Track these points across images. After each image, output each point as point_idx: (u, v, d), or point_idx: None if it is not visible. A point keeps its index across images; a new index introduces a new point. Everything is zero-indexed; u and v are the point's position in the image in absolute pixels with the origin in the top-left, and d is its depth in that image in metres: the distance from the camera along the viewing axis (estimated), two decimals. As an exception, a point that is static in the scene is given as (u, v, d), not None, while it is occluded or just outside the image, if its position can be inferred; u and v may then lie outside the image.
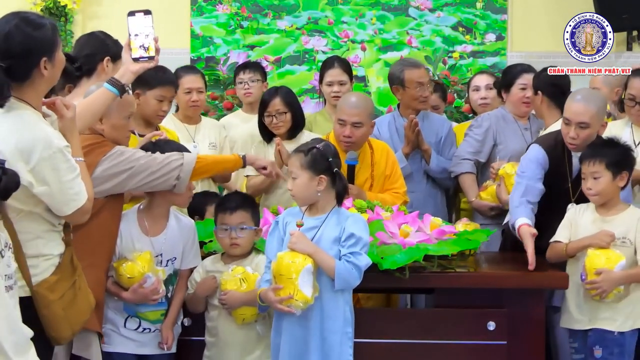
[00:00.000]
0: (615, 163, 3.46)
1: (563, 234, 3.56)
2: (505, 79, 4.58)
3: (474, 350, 3.37)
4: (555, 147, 3.75)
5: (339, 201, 3.08)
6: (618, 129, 4.02)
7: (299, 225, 3.00)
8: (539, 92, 4.23)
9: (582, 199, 3.60)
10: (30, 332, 2.39)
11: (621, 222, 3.48)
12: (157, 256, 3.21)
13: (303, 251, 2.93)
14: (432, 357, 3.39)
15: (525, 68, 4.55)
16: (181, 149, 3.33)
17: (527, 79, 4.44)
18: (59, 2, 5.89)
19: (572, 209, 3.61)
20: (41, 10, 5.92)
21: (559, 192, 3.72)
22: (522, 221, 3.58)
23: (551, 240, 3.56)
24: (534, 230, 3.54)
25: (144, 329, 3.21)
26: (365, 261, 2.98)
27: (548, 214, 3.67)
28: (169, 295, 3.25)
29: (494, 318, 3.36)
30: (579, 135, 3.60)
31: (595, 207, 3.54)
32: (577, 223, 3.55)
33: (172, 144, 3.37)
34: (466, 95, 5.40)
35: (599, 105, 3.64)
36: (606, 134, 3.82)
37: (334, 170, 3.03)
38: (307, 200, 3.05)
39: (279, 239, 3.06)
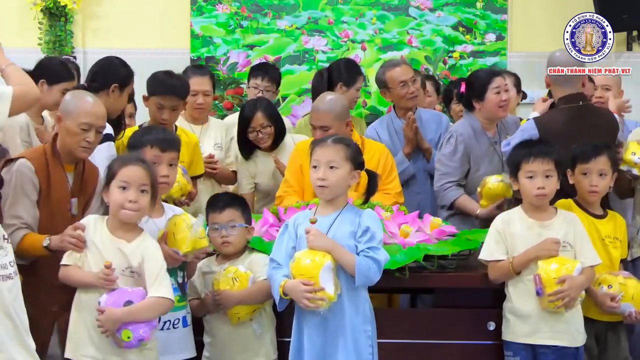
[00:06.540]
0: (561, 162, 3.31)
1: (499, 250, 3.28)
2: (474, 89, 4.28)
3: (474, 350, 3.38)
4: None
5: (367, 199, 3.12)
6: None
7: (313, 222, 2.98)
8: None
9: None
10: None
11: (559, 226, 3.28)
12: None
13: (322, 248, 2.91)
14: (432, 357, 3.39)
15: (492, 72, 4.38)
16: None
17: (499, 81, 4.27)
18: (59, 2, 5.88)
19: (498, 220, 3.34)
20: (41, 10, 5.92)
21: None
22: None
23: (487, 258, 3.31)
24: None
25: (165, 322, 3.08)
26: (384, 256, 2.96)
27: None
28: (180, 281, 3.15)
29: (494, 318, 3.37)
30: None
31: (525, 212, 3.31)
32: (510, 234, 3.29)
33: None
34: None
35: None
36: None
37: (364, 169, 3.06)
38: (337, 192, 3.02)
39: (289, 240, 3.04)
